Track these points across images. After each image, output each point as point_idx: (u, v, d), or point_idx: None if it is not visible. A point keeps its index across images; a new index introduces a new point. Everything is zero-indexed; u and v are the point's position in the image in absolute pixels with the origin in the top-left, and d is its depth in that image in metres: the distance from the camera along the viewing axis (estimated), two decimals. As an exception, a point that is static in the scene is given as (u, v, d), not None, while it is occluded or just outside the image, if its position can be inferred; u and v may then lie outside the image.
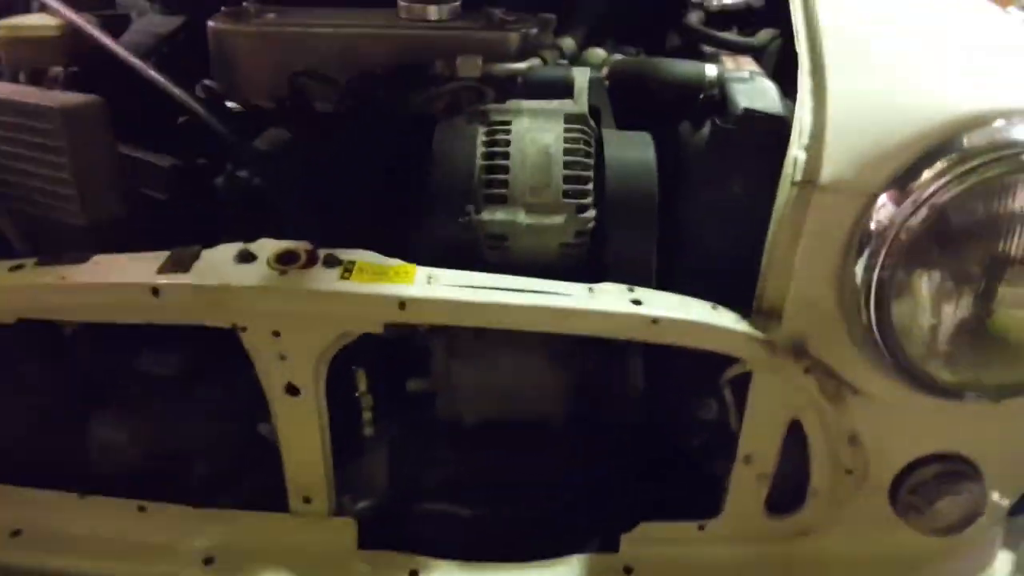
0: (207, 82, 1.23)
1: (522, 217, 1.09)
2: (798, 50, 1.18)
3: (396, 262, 1.10)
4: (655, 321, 1.05)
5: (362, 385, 1.22)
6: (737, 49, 1.34)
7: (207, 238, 1.15)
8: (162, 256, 1.12)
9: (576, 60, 1.37)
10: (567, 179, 1.09)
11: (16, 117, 1.14)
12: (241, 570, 1.24)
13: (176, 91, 1.17)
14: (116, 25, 1.41)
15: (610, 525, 1.26)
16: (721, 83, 1.15)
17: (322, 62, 1.27)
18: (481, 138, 1.12)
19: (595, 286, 1.08)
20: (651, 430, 1.26)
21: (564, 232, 1.10)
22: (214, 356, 1.23)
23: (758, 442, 1.16)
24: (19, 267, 1.13)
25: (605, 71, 1.29)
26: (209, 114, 1.16)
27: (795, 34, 1.21)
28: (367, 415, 1.24)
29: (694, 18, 1.40)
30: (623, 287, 1.08)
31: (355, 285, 1.07)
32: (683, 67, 1.22)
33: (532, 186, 1.09)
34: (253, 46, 1.30)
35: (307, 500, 1.25)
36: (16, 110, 1.14)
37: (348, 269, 1.09)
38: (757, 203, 1.09)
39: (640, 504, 1.28)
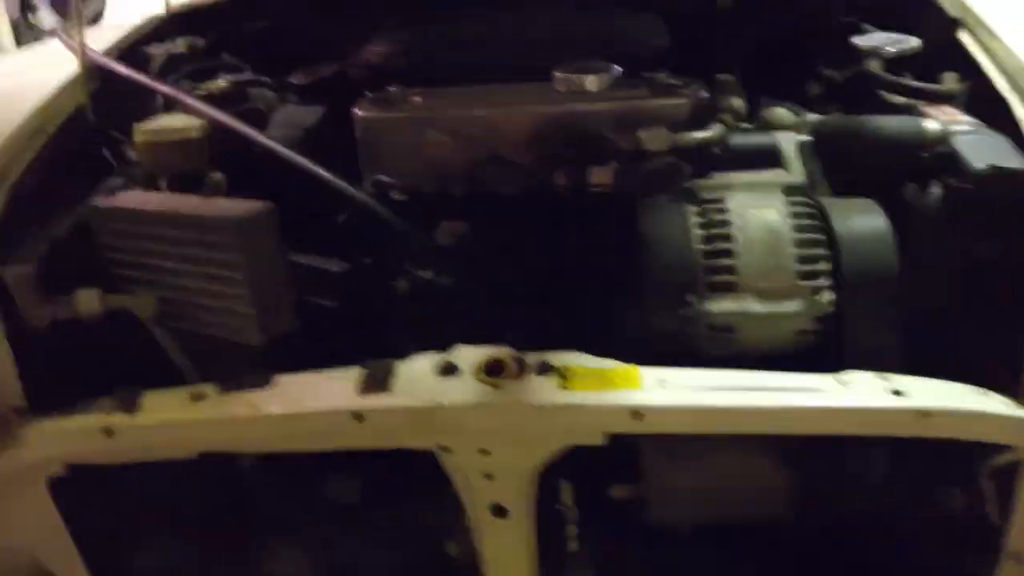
0: (383, 178, 1.13)
1: (754, 305, 0.98)
2: (1005, 95, 1.07)
3: (613, 363, 0.99)
4: (925, 414, 0.92)
5: (568, 499, 1.10)
6: (933, 98, 1.22)
7: (377, 345, 1.05)
8: (349, 373, 1.01)
9: (753, 123, 1.25)
10: (800, 259, 0.98)
11: (183, 230, 1.05)
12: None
13: (351, 189, 1.07)
14: (254, 121, 1.33)
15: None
16: (945, 138, 1.04)
17: (482, 143, 1.17)
18: (694, 219, 1.01)
19: (844, 376, 0.96)
20: (885, 524, 1.13)
21: (802, 318, 0.98)
22: (395, 477, 1.13)
23: (1027, 537, 1.02)
24: (201, 396, 1.03)
25: (803, 135, 1.17)
26: (388, 212, 1.06)
27: (989, 77, 1.10)
28: (571, 529, 1.12)
29: (874, 65, 1.28)
30: (873, 375, 0.97)
31: (579, 395, 0.96)
32: (898, 124, 1.11)
33: (762, 269, 0.98)
34: (409, 132, 1.20)
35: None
36: (183, 223, 1.05)
37: (564, 376, 0.98)
38: (1008, 270, 0.97)
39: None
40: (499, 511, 1.04)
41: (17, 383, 1.05)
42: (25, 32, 4.69)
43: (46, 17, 4.69)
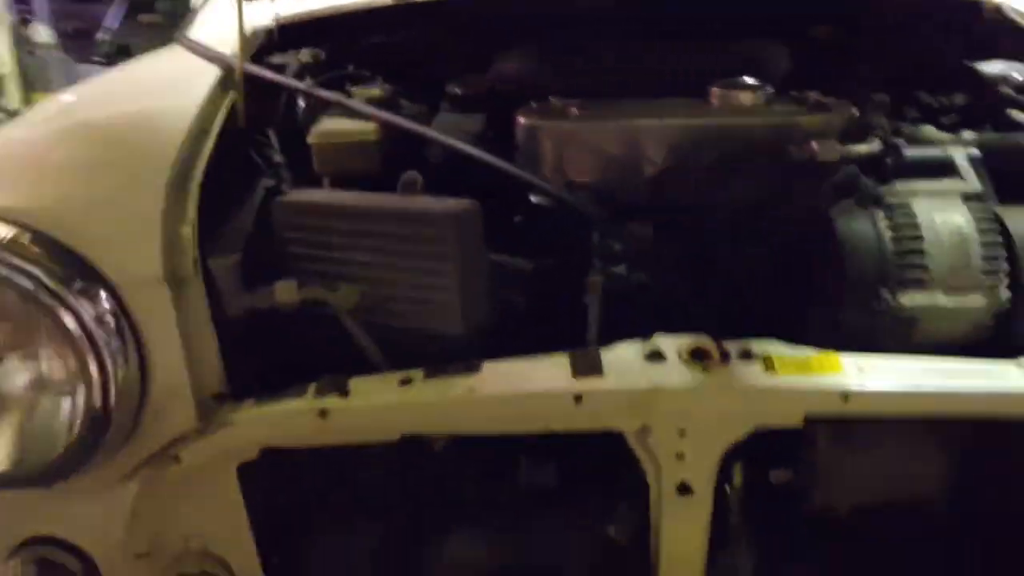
0: (577, 178, 1.18)
1: (942, 299, 1.06)
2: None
3: (812, 351, 1.06)
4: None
5: (738, 479, 1.16)
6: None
7: (568, 341, 1.10)
8: (557, 359, 1.06)
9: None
10: (984, 258, 1.07)
11: (393, 225, 1.09)
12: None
13: (549, 188, 1.12)
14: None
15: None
16: None
17: (642, 155, 1.22)
18: (883, 221, 1.09)
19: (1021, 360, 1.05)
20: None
21: (983, 312, 1.07)
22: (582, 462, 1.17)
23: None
24: (408, 381, 1.06)
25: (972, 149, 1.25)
26: (587, 204, 1.11)
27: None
28: (737, 508, 1.18)
29: (1007, 89, 1.39)
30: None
31: (787, 378, 1.02)
32: None
33: (951, 267, 1.06)
34: (573, 141, 1.24)
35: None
36: (395, 218, 1.09)
37: (768, 362, 1.04)
38: None
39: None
40: (684, 489, 1.09)
41: (222, 370, 1.07)
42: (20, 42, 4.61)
43: (41, 31, 4.62)
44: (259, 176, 1.28)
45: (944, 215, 1.08)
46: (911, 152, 1.16)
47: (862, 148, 1.17)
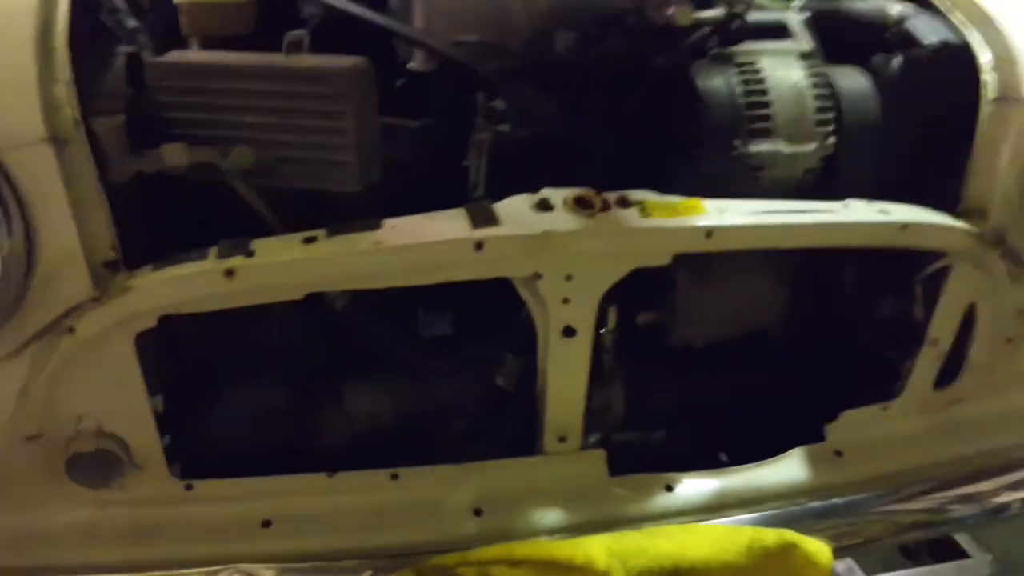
0: (465, 37, 1.21)
1: (783, 146, 1.22)
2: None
3: (678, 199, 1.19)
4: (904, 227, 1.22)
5: (612, 322, 1.29)
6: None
7: (454, 198, 1.17)
8: (454, 213, 1.12)
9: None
10: (817, 109, 1.23)
11: (284, 84, 1.09)
12: (511, 514, 1.27)
13: (432, 43, 1.15)
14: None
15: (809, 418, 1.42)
16: (904, 19, 1.33)
17: (519, 16, 1.27)
18: (735, 78, 1.22)
19: (846, 203, 1.23)
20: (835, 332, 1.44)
21: (813, 157, 1.24)
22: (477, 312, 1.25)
23: (944, 326, 1.37)
24: (311, 239, 1.09)
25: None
26: (467, 60, 1.16)
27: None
28: (610, 349, 1.31)
29: None
30: (865, 202, 1.24)
31: (661, 221, 1.14)
32: (869, 6, 1.39)
33: (791, 117, 1.21)
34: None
35: (562, 439, 1.30)
36: (286, 77, 1.09)
37: (644, 208, 1.16)
38: (948, 122, 1.28)
39: (822, 397, 1.45)
40: (569, 332, 1.20)
41: (113, 236, 1.04)
42: None
43: None
44: (114, 43, 1.21)
45: (785, 72, 1.23)
46: (753, 16, 1.30)
47: (711, 14, 1.29)
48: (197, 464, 1.23)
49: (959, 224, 1.27)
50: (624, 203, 1.15)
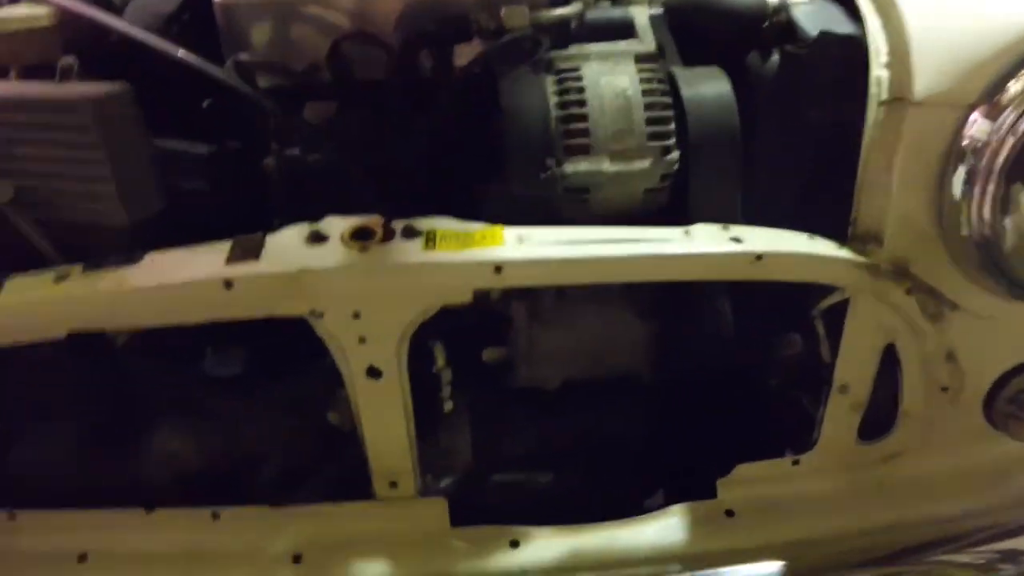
0: (242, 56, 1.10)
1: (607, 166, 1.02)
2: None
3: (479, 225, 1.02)
4: (759, 257, 0.99)
5: (440, 360, 1.14)
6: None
7: (255, 227, 1.05)
8: (222, 248, 1.01)
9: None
10: (649, 121, 1.02)
11: (38, 115, 1.02)
12: (333, 563, 1.16)
13: (215, 71, 1.05)
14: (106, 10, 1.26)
15: (700, 473, 1.21)
16: (784, 9, 1.09)
17: (337, 25, 1.15)
18: (551, 88, 1.04)
19: (689, 228, 1.02)
20: (731, 374, 1.21)
21: (650, 177, 1.03)
22: (273, 350, 1.14)
23: (853, 370, 1.12)
24: (64, 276, 1.01)
25: (656, 9, 1.20)
26: (254, 91, 1.05)
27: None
28: (446, 390, 1.16)
29: None
30: (717, 227, 1.03)
31: (443, 255, 0.99)
32: None
33: (614, 132, 1.02)
34: (268, 16, 1.17)
35: (393, 484, 1.17)
36: (37, 107, 1.01)
37: (431, 239, 1.00)
38: (837, 128, 1.03)
39: (724, 448, 1.23)
40: (373, 372, 1.06)
41: None
42: None
43: None
44: None
45: (610, 78, 1.03)
46: (593, 14, 1.10)
47: (557, 13, 1.11)
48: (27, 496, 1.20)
49: (841, 254, 1.03)
50: (411, 233, 1.01)
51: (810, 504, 1.20)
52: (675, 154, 1.03)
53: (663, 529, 1.18)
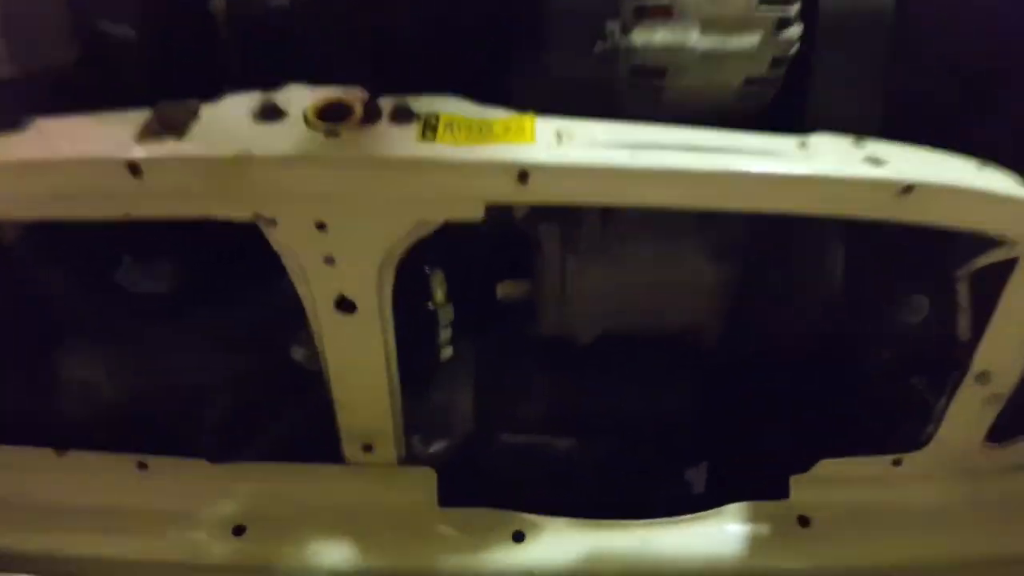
0: None
1: (695, 39, 0.68)
2: None
3: (501, 112, 0.70)
4: (907, 189, 0.66)
5: (439, 293, 0.84)
6: None
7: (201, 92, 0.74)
8: (136, 118, 0.70)
9: None
10: (763, -23, 0.68)
11: None
12: (283, 542, 0.89)
13: None
14: None
15: (772, 465, 0.91)
16: None
17: None
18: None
19: (808, 139, 0.69)
20: (825, 343, 0.90)
21: (756, 60, 0.70)
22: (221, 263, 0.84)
23: (1001, 355, 0.81)
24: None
25: None
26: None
27: None
28: (445, 332, 0.86)
29: None
30: (847, 140, 0.69)
31: (447, 149, 0.67)
32: None
33: (713, -12, 0.68)
34: None
35: (368, 448, 0.89)
36: None
37: (431, 126, 0.68)
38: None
39: (804, 437, 0.93)
40: (344, 305, 0.77)
41: None
42: None
43: None
44: None
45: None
46: None
47: None
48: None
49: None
50: (402, 116, 0.69)
51: (911, 518, 0.91)
52: (795, 29, 0.69)
53: (712, 534, 0.89)
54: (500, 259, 0.88)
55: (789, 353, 0.90)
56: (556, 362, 0.92)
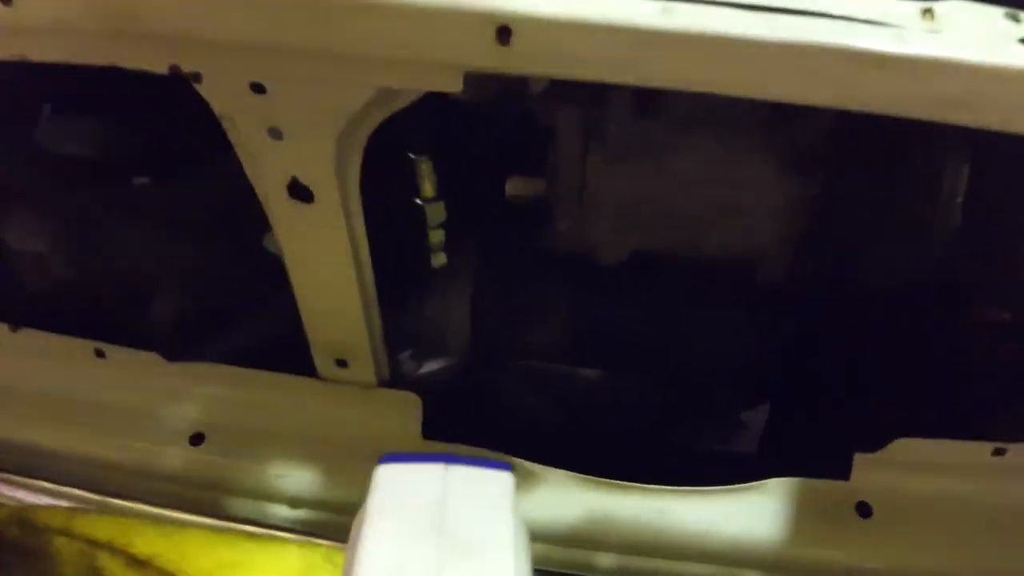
0: None
1: None
2: None
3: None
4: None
5: (428, 185, 0.66)
6: None
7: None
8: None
9: None
10: None
11: None
12: (244, 458, 0.76)
13: None
14: None
15: (835, 438, 0.72)
16: None
17: None
18: None
19: (935, 5, 0.46)
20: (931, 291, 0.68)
21: None
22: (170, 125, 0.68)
23: None
24: None
25: None
26: None
27: None
28: (436, 234, 0.69)
29: None
30: (995, 11, 0.46)
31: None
32: None
33: None
34: None
35: (341, 363, 0.73)
36: None
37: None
38: None
39: (875, 409, 0.73)
40: (298, 191, 0.60)
41: None
42: None
43: None
44: None
45: None
46: None
47: None
48: None
49: None
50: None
51: (1005, 522, 0.70)
52: None
53: (747, 513, 0.72)
54: (511, 150, 0.69)
55: (875, 300, 0.68)
56: (575, 280, 0.73)
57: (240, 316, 0.79)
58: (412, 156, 0.65)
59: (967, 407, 0.71)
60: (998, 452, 0.70)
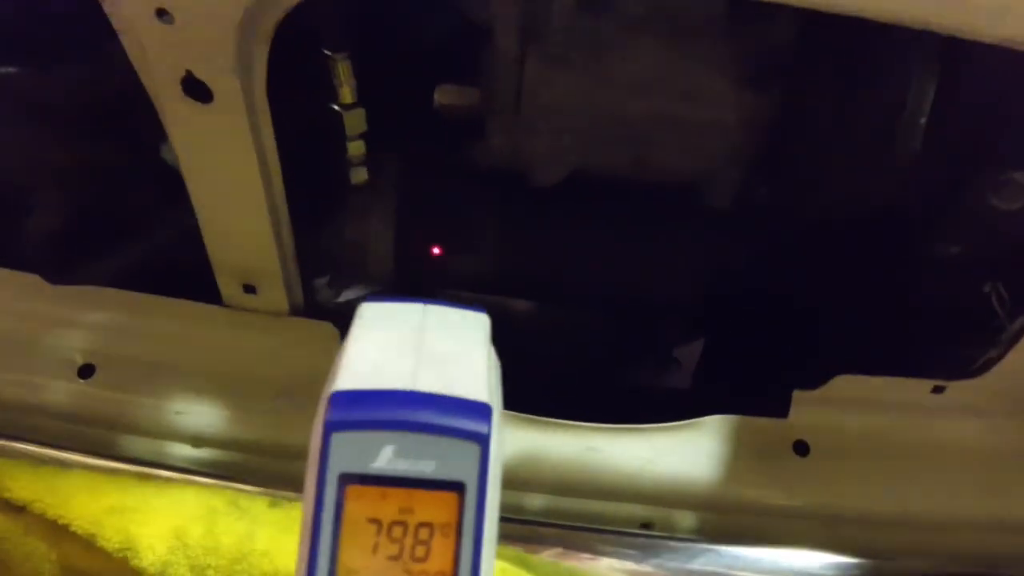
0: None
1: None
2: None
3: None
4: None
5: (347, 90, 0.57)
6: None
7: None
8: None
9: None
10: None
11: None
12: (141, 393, 0.67)
13: None
14: None
15: (773, 374, 0.67)
16: None
17: None
18: None
19: None
20: (883, 219, 0.63)
21: None
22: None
23: None
24: None
25: None
26: None
27: None
28: (356, 145, 0.60)
29: None
30: None
31: None
32: None
33: None
34: None
35: (249, 288, 0.64)
36: None
37: None
38: None
39: (816, 341, 0.69)
40: (194, 89, 0.50)
41: None
42: None
43: None
44: None
45: None
46: None
47: None
48: None
49: None
50: None
51: (942, 461, 0.67)
52: None
53: (680, 451, 0.66)
54: (441, 53, 0.60)
55: (824, 228, 0.63)
56: (509, 200, 0.66)
57: (134, 234, 0.69)
58: (328, 53, 0.56)
59: (908, 344, 0.67)
60: (937, 389, 0.66)
